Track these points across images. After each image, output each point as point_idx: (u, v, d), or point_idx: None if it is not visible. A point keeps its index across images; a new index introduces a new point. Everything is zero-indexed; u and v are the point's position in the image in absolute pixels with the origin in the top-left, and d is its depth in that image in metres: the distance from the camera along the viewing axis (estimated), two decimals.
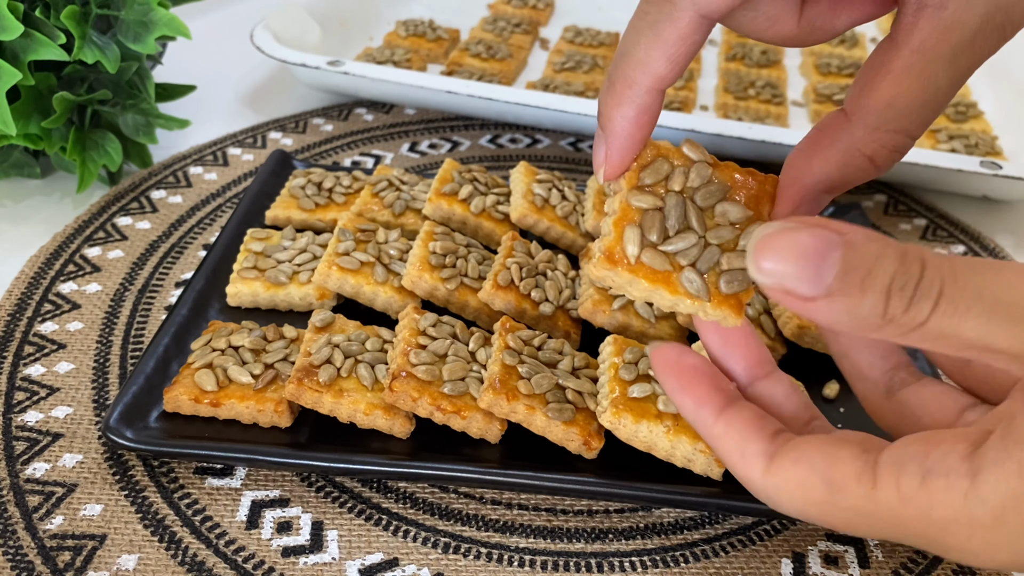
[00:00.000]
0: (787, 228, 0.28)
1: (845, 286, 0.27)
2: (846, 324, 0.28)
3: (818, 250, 0.27)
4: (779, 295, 0.28)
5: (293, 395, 0.44)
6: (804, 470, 0.31)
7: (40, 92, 0.59)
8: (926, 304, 0.26)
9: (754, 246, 0.28)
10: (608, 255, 0.32)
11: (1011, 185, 0.66)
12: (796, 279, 0.27)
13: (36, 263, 0.58)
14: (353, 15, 0.92)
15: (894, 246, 0.27)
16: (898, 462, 0.29)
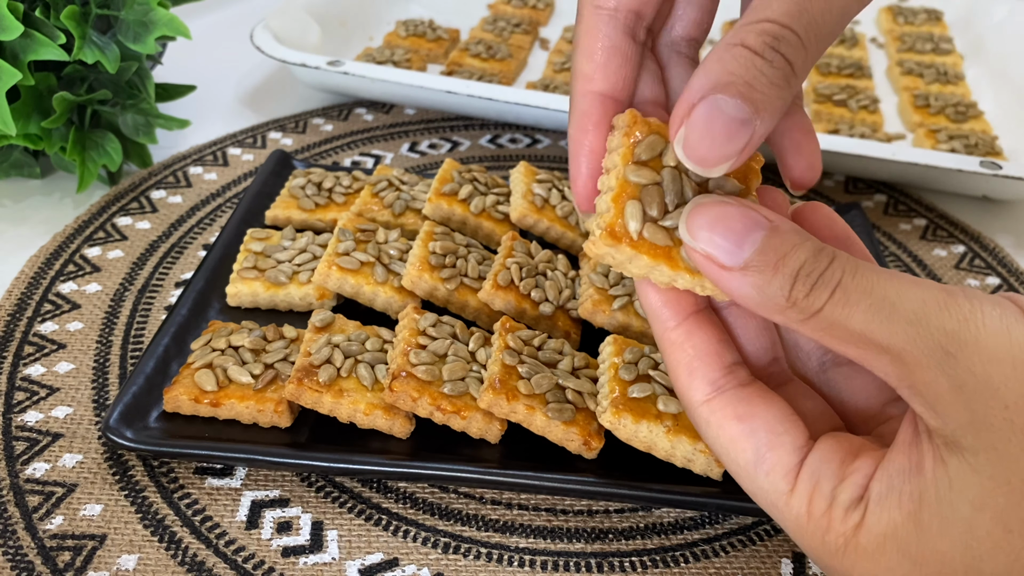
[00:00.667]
0: (723, 201, 0.30)
1: (760, 264, 0.29)
2: (753, 300, 0.29)
3: (745, 226, 0.29)
4: (701, 260, 0.30)
5: (293, 395, 0.44)
6: (743, 433, 0.32)
7: (40, 92, 0.59)
8: (824, 292, 0.28)
9: (690, 210, 0.30)
10: (610, 231, 0.32)
11: (1011, 185, 0.66)
12: (719, 247, 0.29)
13: (36, 263, 0.58)
14: (353, 15, 0.92)
15: (813, 241, 0.29)
16: (816, 475, 0.31)
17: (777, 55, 0.29)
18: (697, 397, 0.33)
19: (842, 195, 0.71)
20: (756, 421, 0.32)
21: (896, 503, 0.29)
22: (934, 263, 0.65)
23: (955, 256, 0.66)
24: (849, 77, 0.87)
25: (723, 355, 0.33)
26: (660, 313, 0.34)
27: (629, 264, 0.33)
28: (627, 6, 0.34)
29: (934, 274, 0.64)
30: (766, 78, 0.29)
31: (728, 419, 0.32)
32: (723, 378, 0.33)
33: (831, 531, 0.30)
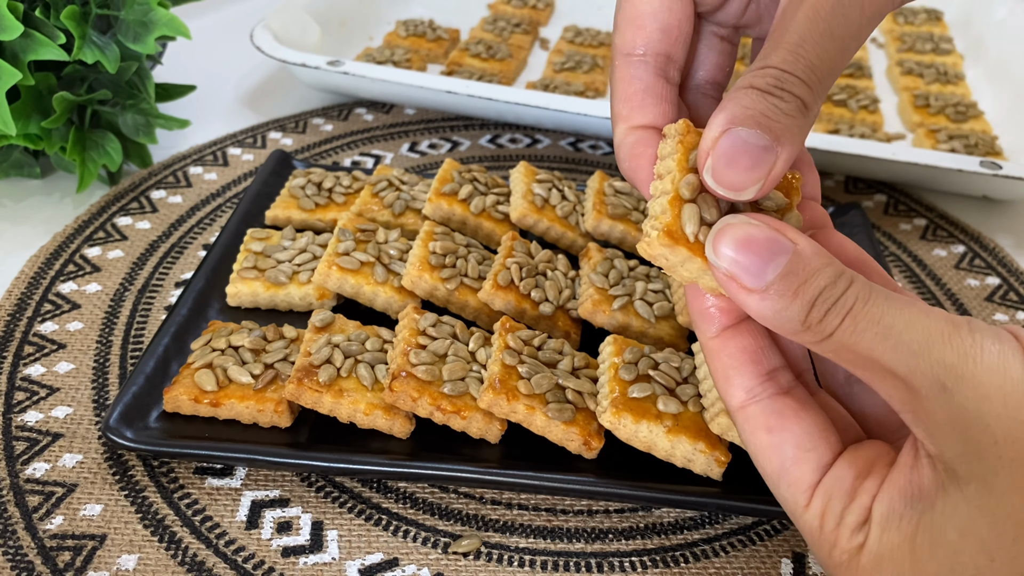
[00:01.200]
0: (750, 223, 0.31)
1: (782, 288, 0.30)
2: (770, 321, 0.31)
3: (769, 250, 0.30)
4: (724, 279, 0.31)
5: (293, 395, 0.44)
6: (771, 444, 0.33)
7: (40, 92, 0.59)
8: (836, 317, 0.30)
9: (717, 229, 0.31)
10: (668, 232, 0.32)
11: (1011, 185, 0.66)
12: (743, 269, 0.30)
13: (36, 263, 0.58)
14: (353, 15, 0.92)
15: (834, 266, 0.30)
16: (828, 495, 0.32)
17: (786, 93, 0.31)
18: (733, 403, 0.34)
19: (842, 195, 0.71)
20: (785, 435, 0.33)
21: (895, 525, 0.31)
22: (934, 263, 0.65)
23: (955, 256, 0.66)
24: (849, 77, 0.87)
25: (761, 362, 0.34)
26: (703, 320, 0.35)
27: (682, 268, 0.33)
28: (655, 50, 0.37)
29: (934, 274, 0.64)
30: (780, 111, 0.31)
31: (759, 429, 0.34)
32: (759, 386, 0.34)
33: (837, 547, 0.32)
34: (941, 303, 0.61)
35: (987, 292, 0.62)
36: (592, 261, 0.53)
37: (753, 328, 0.35)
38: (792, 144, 0.31)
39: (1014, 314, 0.60)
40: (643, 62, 0.37)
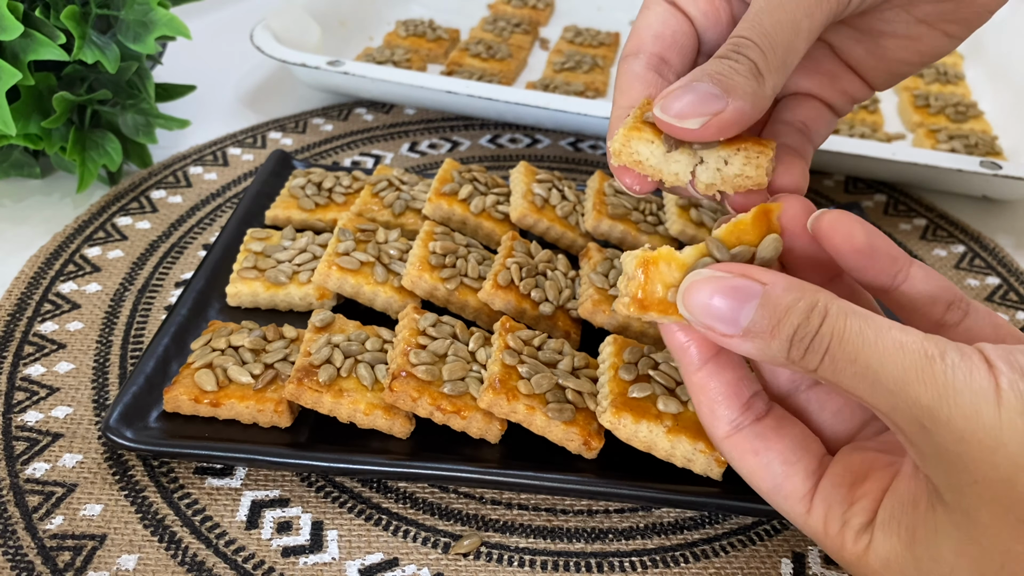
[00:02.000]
0: (714, 275, 0.33)
1: (758, 330, 0.32)
2: (759, 358, 0.33)
3: (737, 299, 0.32)
4: (703, 331, 0.33)
5: (293, 395, 0.44)
6: (759, 465, 0.36)
7: (40, 92, 0.59)
8: (816, 356, 0.31)
9: (684, 287, 0.33)
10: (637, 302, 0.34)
11: (1011, 185, 0.66)
12: (716, 319, 0.32)
13: (36, 263, 0.58)
14: (353, 15, 0.92)
15: (806, 299, 0.31)
16: (827, 499, 0.34)
17: (740, 55, 0.35)
18: (719, 434, 0.37)
19: (842, 195, 0.71)
20: (770, 454, 0.35)
21: (896, 531, 0.32)
22: (934, 263, 0.65)
23: (955, 256, 0.66)
24: None
25: (741, 394, 0.36)
26: (684, 356, 0.37)
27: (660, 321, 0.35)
28: (648, 51, 0.40)
29: None
30: (733, 70, 0.35)
31: (746, 454, 0.36)
32: (741, 416, 0.36)
33: (845, 549, 0.34)
34: None
35: (987, 292, 0.62)
36: (592, 261, 0.53)
37: (732, 359, 0.37)
38: (743, 99, 0.34)
39: (1014, 314, 0.60)
40: (636, 59, 0.40)
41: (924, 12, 0.41)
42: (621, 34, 0.98)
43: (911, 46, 0.42)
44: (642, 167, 0.38)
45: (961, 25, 0.41)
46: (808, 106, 0.44)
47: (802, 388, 0.39)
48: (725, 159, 0.37)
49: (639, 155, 0.37)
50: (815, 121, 0.43)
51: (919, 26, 0.42)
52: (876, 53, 0.43)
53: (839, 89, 0.44)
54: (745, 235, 0.35)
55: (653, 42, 0.40)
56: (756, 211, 0.36)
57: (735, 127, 0.35)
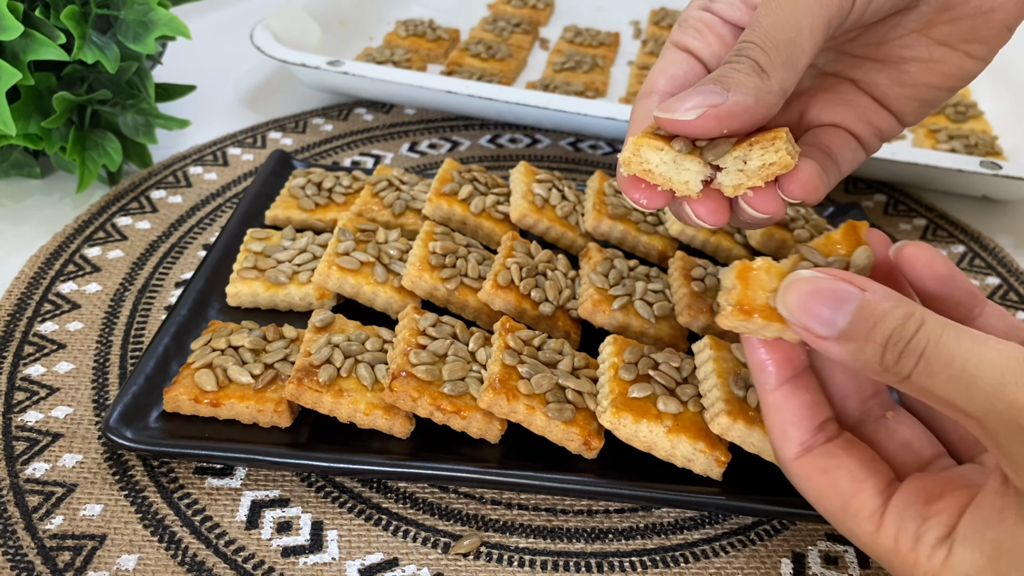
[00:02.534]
0: (815, 276, 0.34)
1: (854, 333, 0.32)
2: (850, 363, 0.33)
3: (835, 299, 0.33)
4: (799, 330, 0.34)
5: (293, 395, 0.44)
6: (827, 483, 0.36)
7: (40, 92, 0.59)
8: (910, 361, 0.31)
9: (785, 286, 0.34)
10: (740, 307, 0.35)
11: (1011, 185, 0.66)
12: (813, 319, 0.33)
13: (36, 263, 0.58)
14: (353, 15, 0.92)
15: (903, 307, 0.32)
16: (900, 516, 0.34)
17: (742, 57, 0.37)
18: (789, 455, 0.37)
19: (842, 195, 0.71)
20: (839, 472, 0.36)
21: (978, 546, 0.32)
22: None
23: (955, 256, 0.66)
24: None
25: (814, 417, 0.37)
26: (762, 374, 0.38)
27: (762, 330, 0.36)
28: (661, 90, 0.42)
29: None
30: (735, 71, 0.36)
31: (815, 472, 0.36)
32: (812, 438, 0.37)
33: (918, 566, 0.33)
34: None
35: (987, 292, 0.62)
36: (592, 261, 0.53)
37: (808, 383, 0.38)
38: (744, 93, 0.35)
39: (1014, 314, 0.60)
40: (649, 98, 0.42)
41: (942, 34, 0.42)
42: (621, 34, 0.98)
43: (935, 68, 0.43)
44: (652, 176, 0.38)
45: (982, 44, 0.42)
46: (833, 133, 0.44)
47: (871, 419, 0.39)
48: (743, 158, 0.37)
49: (648, 163, 0.38)
50: (840, 147, 0.44)
51: (940, 48, 0.42)
52: (900, 80, 0.43)
53: (865, 120, 0.44)
54: (836, 248, 0.37)
55: (665, 83, 0.42)
56: (845, 226, 0.37)
57: (736, 120, 0.36)
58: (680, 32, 0.43)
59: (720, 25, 0.42)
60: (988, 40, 0.42)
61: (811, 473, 0.36)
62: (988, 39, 0.41)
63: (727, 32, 0.42)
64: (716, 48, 0.42)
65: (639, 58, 0.91)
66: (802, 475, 0.37)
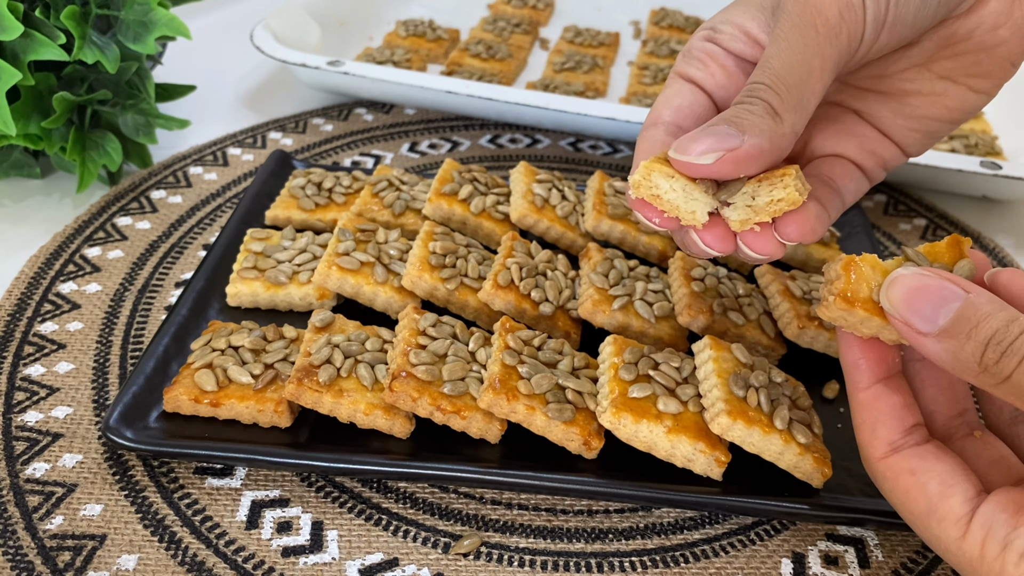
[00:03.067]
0: (921, 273, 0.34)
1: (954, 331, 0.33)
2: (948, 363, 0.33)
3: (940, 296, 0.33)
4: (899, 325, 0.34)
5: (293, 395, 0.44)
6: (915, 484, 0.36)
7: (40, 92, 0.59)
8: (1013, 360, 0.31)
9: (890, 280, 0.35)
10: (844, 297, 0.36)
11: (1011, 185, 0.66)
12: (916, 314, 0.34)
13: (36, 263, 0.58)
14: (353, 15, 0.92)
15: (1007, 311, 0.32)
16: (988, 522, 0.34)
17: (755, 99, 0.37)
18: (876, 454, 0.37)
19: None
20: (928, 474, 0.36)
21: None
22: None
23: None
24: None
25: (905, 419, 0.37)
26: (855, 372, 0.38)
27: (861, 325, 0.37)
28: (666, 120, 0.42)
29: None
30: (749, 112, 0.36)
31: (902, 473, 0.36)
32: (901, 439, 0.37)
33: (1005, 572, 0.33)
34: None
35: None
36: (592, 261, 0.53)
37: (900, 385, 0.38)
38: (759, 136, 0.36)
39: None
40: (655, 128, 0.42)
41: (945, 68, 0.42)
42: (621, 34, 0.98)
43: (937, 102, 0.43)
44: (660, 202, 0.38)
45: (986, 79, 0.42)
46: (835, 163, 0.44)
47: (958, 436, 0.39)
48: (752, 194, 0.38)
49: (658, 189, 0.38)
50: (842, 176, 0.44)
51: (942, 82, 0.42)
52: (903, 112, 0.44)
53: (868, 150, 0.45)
54: (940, 256, 0.38)
55: (671, 114, 0.42)
56: (949, 239, 0.38)
57: (752, 163, 0.36)
58: (684, 63, 0.43)
59: (723, 56, 0.42)
60: (991, 75, 0.42)
61: (898, 474, 0.36)
62: (991, 74, 0.42)
63: (731, 63, 0.42)
64: (720, 79, 0.42)
65: (639, 58, 0.91)
66: (888, 475, 0.37)
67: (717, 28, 0.43)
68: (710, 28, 0.43)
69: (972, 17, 0.40)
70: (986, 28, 0.40)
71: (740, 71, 0.42)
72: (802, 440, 0.42)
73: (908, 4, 0.37)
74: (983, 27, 0.40)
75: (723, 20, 0.43)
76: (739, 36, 0.42)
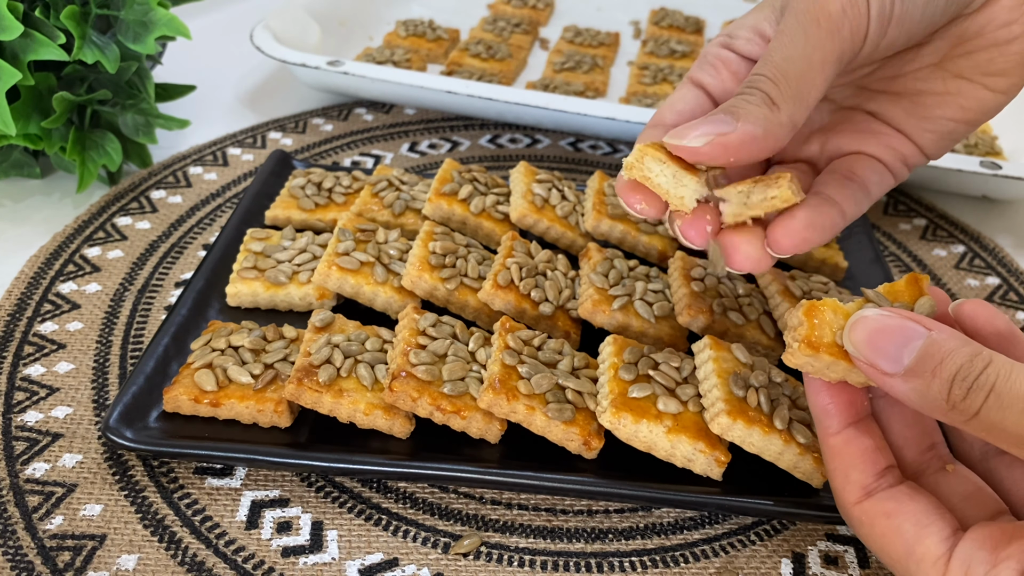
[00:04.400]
0: (882, 314, 0.34)
1: (919, 369, 0.33)
2: (916, 402, 0.33)
3: (902, 335, 0.33)
4: (864, 367, 0.34)
5: (293, 395, 0.44)
6: (890, 527, 0.35)
7: (40, 92, 0.59)
8: (979, 395, 0.31)
9: (852, 323, 0.35)
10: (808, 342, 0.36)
11: (1011, 185, 0.66)
12: (880, 355, 0.33)
13: (36, 263, 0.58)
14: (353, 15, 0.92)
15: (970, 346, 0.32)
16: (967, 561, 0.34)
17: (753, 88, 0.37)
18: (850, 499, 0.37)
19: None
20: (903, 516, 0.35)
21: None
22: (934, 263, 0.65)
23: (955, 256, 0.66)
24: None
25: (877, 462, 0.37)
26: (824, 417, 0.38)
27: (827, 370, 0.37)
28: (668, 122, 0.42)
29: (934, 274, 0.64)
30: (746, 101, 0.37)
31: (878, 517, 0.36)
32: (874, 483, 0.37)
33: None
34: None
35: (987, 292, 0.62)
36: (592, 261, 0.53)
37: (870, 428, 0.38)
38: (753, 123, 0.36)
39: (1014, 314, 0.60)
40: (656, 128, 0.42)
41: (958, 67, 0.42)
42: (621, 34, 0.98)
43: (952, 101, 0.43)
44: (651, 184, 0.39)
45: (1001, 77, 0.41)
46: (855, 159, 0.44)
47: (930, 471, 0.39)
48: (747, 193, 0.39)
49: (650, 171, 0.39)
50: (864, 170, 0.44)
51: (956, 81, 0.42)
52: (916, 112, 0.43)
53: (887, 146, 0.44)
54: (900, 295, 0.38)
55: (673, 116, 0.42)
56: (908, 277, 0.39)
57: (744, 149, 0.36)
58: (697, 68, 0.43)
59: (736, 61, 0.42)
60: (1007, 72, 0.41)
61: (874, 518, 0.36)
62: (1007, 71, 0.41)
63: (742, 68, 0.42)
64: (729, 84, 0.42)
65: (639, 58, 0.91)
66: (864, 520, 0.37)
67: (733, 34, 0.43)
68: (727, 35, 0.43)
69: (983, 13, 0.40)
70: (998, 24, 0.40)
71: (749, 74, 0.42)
72: (802, 440, 0.42)
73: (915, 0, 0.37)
74: (994, 23, 0.40)
75: (740, 25, 0.43)
76: (754, 39, 0.42)
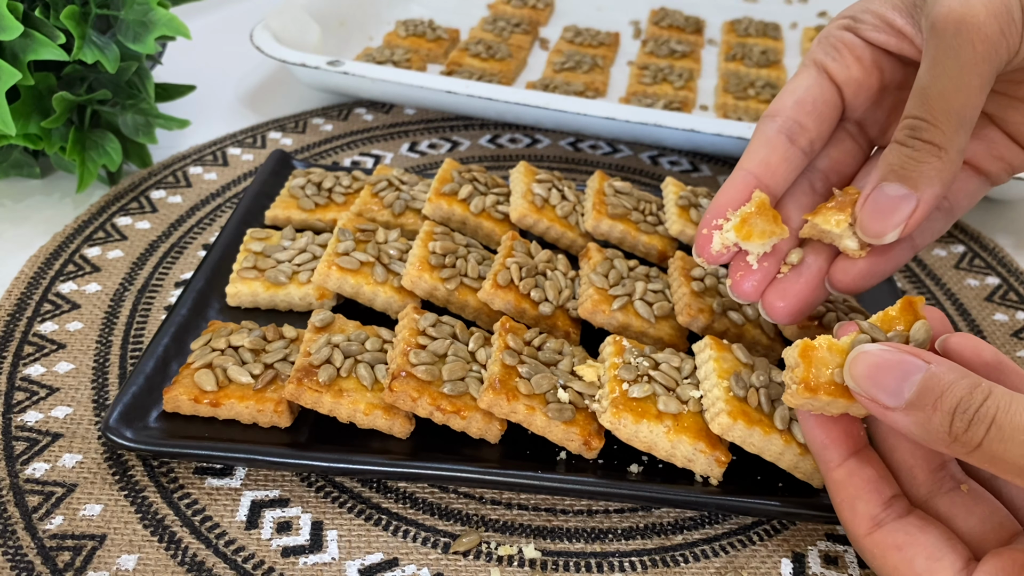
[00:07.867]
0: (882, 349, 0.34)
1: (920, 403, 0.33)
2: (918, 435, 0.33)
3: (902, 370, 0.33)
4: (866, 402, 0.34)
5: (293, 395, 0.44)
6: (902, 560, 0.35)
7: (40, 92, 0.59)
8: (981, 428, 0.31)
9: (852, 358, 0.35)
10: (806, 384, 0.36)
11: (1011, 185, 0.66)
12: (880, 390, 0.34)
13: (36, 263, 0.58)
14: (353, 15, 0.92)
15: (969, 378, 0.32)
16: None
17: (917, 140, 0.36)
18: (860, 531, 0.37)
19: None
20: (915, 548, 0.35)
21: None
22: (934, 263, 0.65)
23: (955, 256, 0.66)
24: None
25: (882, 491, 0.37)
26: (823, 452, 0.38)
27: (828, 406, 0.37)
28: (786, 115, 0.42)
29: (934, 274, 0.64)
30: (915, 161, 0.36)
31: (889, 549, 0.36)
32: (883, 512, 0.37)
33: None
34: (941, 303, 0.61)
35: (987, 292, 0.62)
36: (592, 261, 0.53)
37: (870, 457, 0.38)
38: (931, 187, 0.36)
39: (1014, 314, 0.60)
40: (772, 121, 0.42)
41: None
42: (621, 34, 0.98)
43: None
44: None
45: None
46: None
47: (943, 491, 0.39)
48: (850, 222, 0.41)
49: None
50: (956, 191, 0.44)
51: None
52: None
53: (996, 155, 0.44)
54: (894, 323, 0.38)
55: (793, 107, 0.42)
56: (902, 302, 0.39)
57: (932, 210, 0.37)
58: (819, 49, 0.42)
59: (862, 47, 0.41)
60: None
61: (885, 550, 0.36)
62: None
63: (868, 55, 0.41)
64: (855, 73, 0.42)
65: (639, 58, 0.91)
66: (875, 552, 0.36)
67: (857, 17, 0.41)
68: (849, 17, 0.42)
69: None
70: None
71: (875, 67, 0.41)
72: (802, 440, 0.42)
73: None
74: None
75: (863, 10, 0.41)
76: (881, 27, 0.41)
